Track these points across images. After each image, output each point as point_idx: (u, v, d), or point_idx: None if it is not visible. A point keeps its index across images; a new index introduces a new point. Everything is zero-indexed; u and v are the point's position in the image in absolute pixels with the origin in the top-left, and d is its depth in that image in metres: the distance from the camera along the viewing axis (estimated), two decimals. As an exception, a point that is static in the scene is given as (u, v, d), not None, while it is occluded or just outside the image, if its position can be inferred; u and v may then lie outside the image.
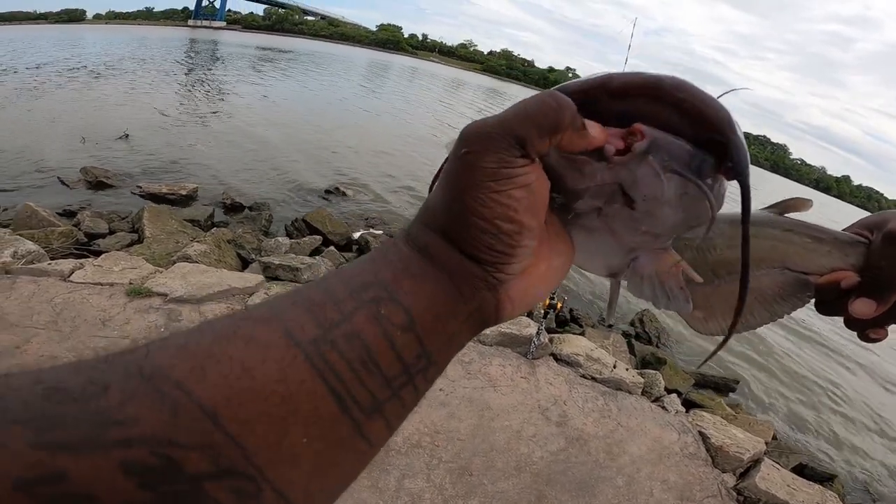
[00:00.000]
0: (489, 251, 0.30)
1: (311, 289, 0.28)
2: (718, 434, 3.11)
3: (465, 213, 0.29)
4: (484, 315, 0.32)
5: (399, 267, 0.30)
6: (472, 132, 0.30)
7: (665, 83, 0.29)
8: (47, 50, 23.94)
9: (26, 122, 9.33)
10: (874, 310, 0.44)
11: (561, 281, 0.37)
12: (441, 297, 0.29)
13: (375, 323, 0.26)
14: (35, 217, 4.65)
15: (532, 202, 0.30)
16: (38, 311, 2.76)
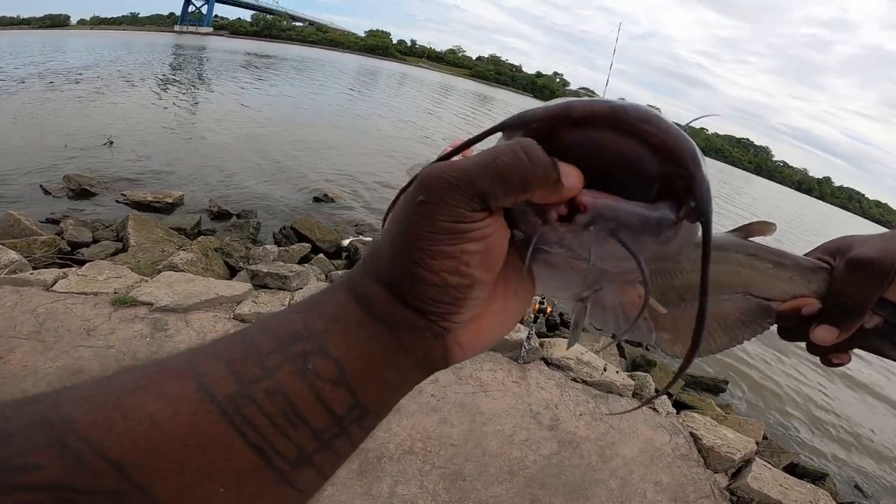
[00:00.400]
0: (434, 304, 0.29)
1: (234, 341, 0.27)
2: (709, 435, 3.13)
3: (411, 265, 0.28)
4: (430, 362, 0.31)
5: (333, 317, 0.29)
6: (432, 180, 0.28)
7: (630, 114, 0.27)
8: (31, 55, 23.60)
9: (8, 128, 9.17)
10: (836, 337, 0.44)
11: (520, 318, 0.37)
12: (377, 348, 0.28)
13: (301, 377, 0.26)
14: (17, 226, 4.57)
15: (487, 255, 0.29)
16: (20, 321, 2.70)
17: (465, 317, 0.30)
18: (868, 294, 0.43)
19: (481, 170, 0.27)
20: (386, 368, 0.29)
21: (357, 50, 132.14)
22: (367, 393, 0.28)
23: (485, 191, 0.27)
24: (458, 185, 0.27)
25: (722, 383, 5.32)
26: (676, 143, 0.27)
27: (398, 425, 2.58)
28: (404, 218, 0.29)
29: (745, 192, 51.83)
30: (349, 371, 0.27)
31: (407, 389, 0.31)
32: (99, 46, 36.21)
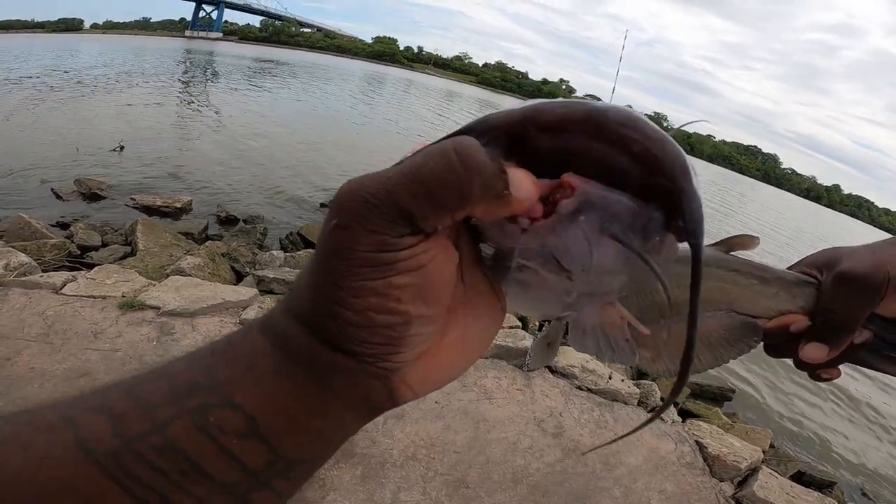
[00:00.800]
0: (366, 345, 0.25)
1: (122, 390, 0.25)
2: (715, 443, 3.10)
3: (330, 304, 0.24)
4: (373, 404, 0.27)
5: (244, 363, 0.25)
6: (346, 199, 0.24)
7: (610, 117, 0.23)
8: (45, 59, 23.95)
9: (21, 131, 9.31)
10: (826, 354, 0.43)
11: (488, 346, 0.32)
12: (299, 397, 0.25)
13: (199, 432, 0.23)
14: (28, 229, 4.62)
15: (424, 288, 0.25)
16: (29, 323, 2.73)
17: (409, 355, 0.26)
18: (859, 310, 0.42)
19: (406, 183, 0.23)
20: (313, 418, 0.25)
21: (364, 56, 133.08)
22: (290, 445, 0.25)
23: (410, 210, 0.23)
24: (377, 205, 0.23)
25: (729, 392, 5.28)
26: (662, 151, 0.23)
27: (401, 432, 2.58)
28: (320, 246, 0.25)
29: (752, 199, 51.60)
30: (263, 424, 0.24)
31: (348, 434, 0.28)
32: (111, 51, 36.78)
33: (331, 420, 0.26)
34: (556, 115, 0.24)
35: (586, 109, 0.24)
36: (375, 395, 0.26)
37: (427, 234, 0.24)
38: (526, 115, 0.25)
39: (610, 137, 0.24)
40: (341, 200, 0.24)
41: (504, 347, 3.39)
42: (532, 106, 0.25)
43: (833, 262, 0.45)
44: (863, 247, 0.45)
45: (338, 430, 0.27)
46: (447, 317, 0.28)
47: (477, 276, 0.30)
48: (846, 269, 0.43)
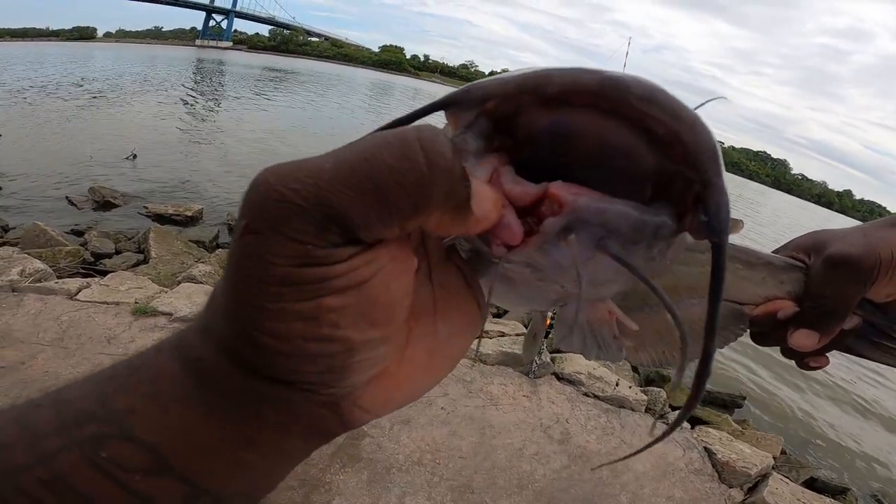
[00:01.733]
0: (298, 374, 0.20)
1: (8, 417, 0.21)
2: (725, 450, 3.09)
3: (245, 328, 0.19)
4: (321, 431, 0.23)
5: (145, 390, 0.21)
6: (259, 195, 0.18)
7: (631, 89, 0.19)
8: (58, 67, 24.41)
9: (37, 140, 9.48)
10: (817, 342, 0.41)
11: (462, 355, 0.27)
12: (218, 428, 0.21)
13: (91, 466, 0.20)
14: (43, 236, 4.71)
15: (367, 306, 0.20)
16: (44, 328, 2.80)
17: (360, 379, 0.22)
18: (851, 294, 0.40)
19: (344, 179, 0.18)
20: (240, 450, 0.21)
21: (371, 65, 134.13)
22: (214, 479, 0.21)
23: (347, 216, 0.18)
24: (300, 206, 0.18)
25: (739, 399, 5.23)
26: (693, 136, 0.19)
27: (408, 437, 2.60)
28: (230, 254, 0.20)
29: (762, 205, 51.16)
30: (174, 457, 0.20)
31: (295, 462, 0.24)
32: (124, 59, 37.43)
33: (265, 450, 0.22)
34: (560, 83, 0.20)
35: (602, 78, 0.19)
36: (323, 424, 0.22)
37: (368, 245, 0.19)
38: (524, 83, 0.21)
39: (629, 115, 0.20)
40: (253, 196, 0.18)
41: (510, 354, 3.40)
42: (533, 72, 0.20)
43: (821, 246, 0.42)
44: (852, 229, 0.43)
45: (278, 461, 0.23)
46: (409, 326, 0.24)
47: (448, 273, 0.25)
48: (836, 251, 0.40)
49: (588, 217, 0.20)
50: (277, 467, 0.23)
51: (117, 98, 16.23)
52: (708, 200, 0.20)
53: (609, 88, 0.19)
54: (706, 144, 0.19)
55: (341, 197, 0.17)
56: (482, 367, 3.32)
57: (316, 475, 2.23)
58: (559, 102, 0.20)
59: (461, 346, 0.27)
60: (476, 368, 3.28)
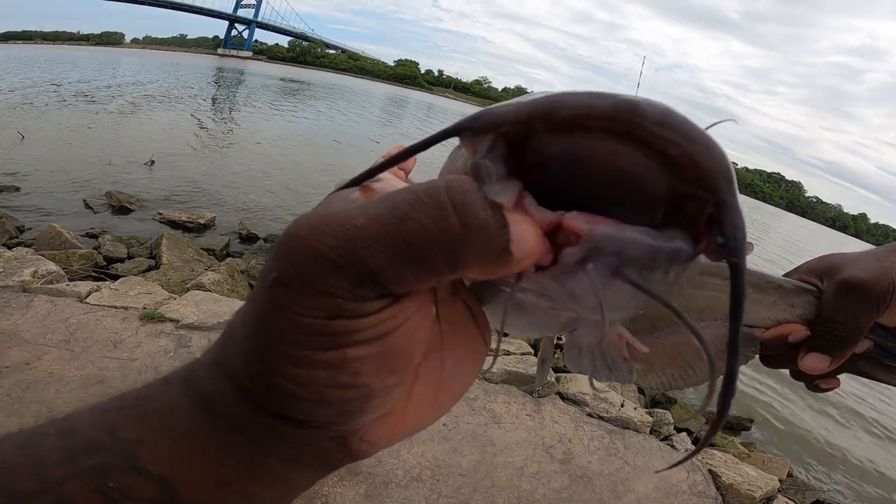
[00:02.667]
0: (314, 417, 0.21)
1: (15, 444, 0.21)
2: (730, 472, 3.05)
3: (265, 371, 0.20)
4: (328, 463, 0.23)
5: (155, 423, 0.21)
6: (292, 249, 0.19)
7: (645, 113, 0.19)
8: (86, 72, 25.01)
9: (60, 144, 9.67)
10: (828, 366, 0.41)
11: (468, 388, 0.27)
12: (228, 462, 0.21)
13: (98, 495, 0.20)
14: (58, 238, 4.79)
15: (390, 356, 0.20)
16: (52, 329, 2.83)
17: (368, 419, 0.22)
18: (864, 319, 0.40)
19: (379, 237, 0.18)
20: (249, 482, 0.22)
21: (386, 78, 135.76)
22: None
23: (384, 273, 0.18)
24: (335, 262, 0.18)
25: (747, 422, 5.16)
26: (707, 158, 0.19)
27: (408, 452, 2.58)
28: (257, 302, 0.20)
29: (775, 229, 50.63)
30: (182, 489, 0.21)
31: (299, 491, 0.24)
32: (149, 66, 38.25)
33: (272, 481, 0.22)
34: (573, 108, 0.20)
35: (614, 102, 0.19)
36: (330, 457, 0.23)
37: (397, 298, 0.20)
38: (535, 109, 0.20)
39: (642, 138, 0.20)
40: (286, 249, 0.19)
41: (515, 373, 3.38)
42: (544, 98, 0.20)
43: (834, 270, 0.42)
44: (864, 253, 0.43)
45: (283, 491, 0.23)
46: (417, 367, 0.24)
47: (456, 308, 0.25)
48: (850, 276, 0.40)
49: (605, 245, 0.20)
50: (282, 496, 0.24)
51: (140, 104, 16.56)
52: (724, 221, 0.20)
53: (623, 112, 0.19)
54: (721, 166, 0.19)
55: (377, 256, 0.18)
56: (486, 385, 3.29)
57: (313, 487, 2.21)
58: (572, 127, 0.20)
59: (466, 380, 0.27)
60: (480, 386, 3.26)
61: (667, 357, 0.45)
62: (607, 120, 0.19)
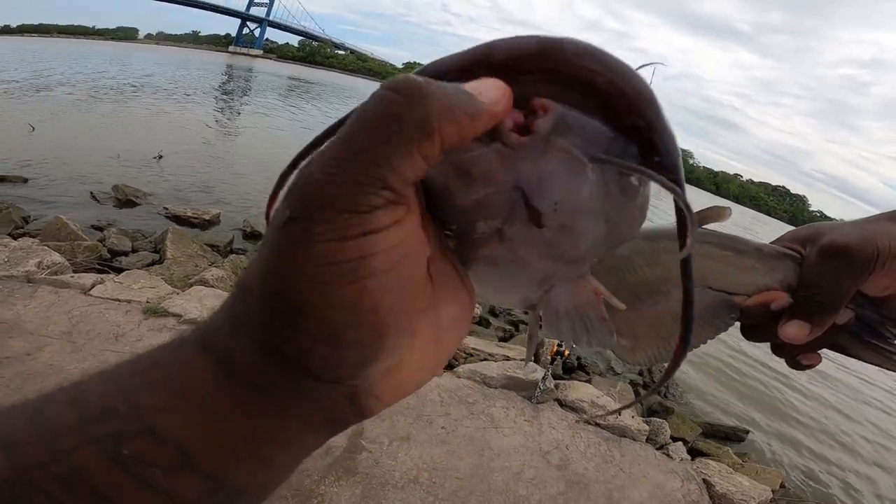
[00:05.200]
0: (330, 366, 0.21)
1: (26, 414, 0.22)
2: (723, 482, 3.07)
3: (290, 316, 0.20)
4: (337, 421, 0.24)
5: (171, 386, 0.21)
6: (300, 185, 0.20)
7: (566, 49, 0.21)
8: (99, 66, 25.19)
9: (69, 136, 9.73)
10: (808, 333, 0.40)
11: (461, 340, 0.29)
12: (245, 423, 0.21)
13: (112, 463, 0.20)
14: (64, 230, 4.82)
15: (400, 291, 0.21)
16: (54, 321, 2.84)
17: (376, 371, 0.23)
18: (847, 284, 0.39)
19: (361, 135, 0.20)
20: (264, 444, 0.22)
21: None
22: (234, 474, 0.22)
23: (376, 162, 0.19)
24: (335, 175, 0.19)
25: (742, 432, 5.15)
26: (627, 82, 0.21)
27: (405, 454, 2.58)
28: (272, 246, 0.21)
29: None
30: (196, 454, 0.21)
31: (307, 454, 0.25)
32: (160, 62, 38.48)
33: (286, 444, 0.23)
34: (506, 50, 0.22)
35: (539, 41, 0.21)
36: (340, 414, 0.23)
37: (397, 202, 0.20)
38: (473, 55, 0.22)
39: (569, 71, 0.21)
40: (296, 189, 0.20)
41: (515, 379, 3.38)
42: (482, 44, 0.22)
43: (817, 236, 0.42)
44: (847, 222, 0.43)
45: (295, 453, 0.24)
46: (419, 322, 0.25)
47: (445, 267, 0.27)
48: (832, 240, 0.40)
49: (571, 121, 0.22)
50: (294, 460, 0.24)
51: (150, 99, 16.67)
52: (655, 140, 0.22)
53: (548, 49, 0.21)
54: (641, 88, 0.21)
55: (365, 147, 0.19)
56: (485, 390, 3.30)
57: (310, 486, 2.22)
58: (510, 68, 0.22)
59: (458, 335, 0.28)
60: (479, 390, 3.27)
61: (652, 329, 0.44)
62: (536, 57, 0.21)
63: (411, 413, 2.87)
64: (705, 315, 0.43)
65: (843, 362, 0.57)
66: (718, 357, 6.86)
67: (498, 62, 0.22)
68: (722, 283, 0.43)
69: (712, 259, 0.44)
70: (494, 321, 5.56)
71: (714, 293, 0.44)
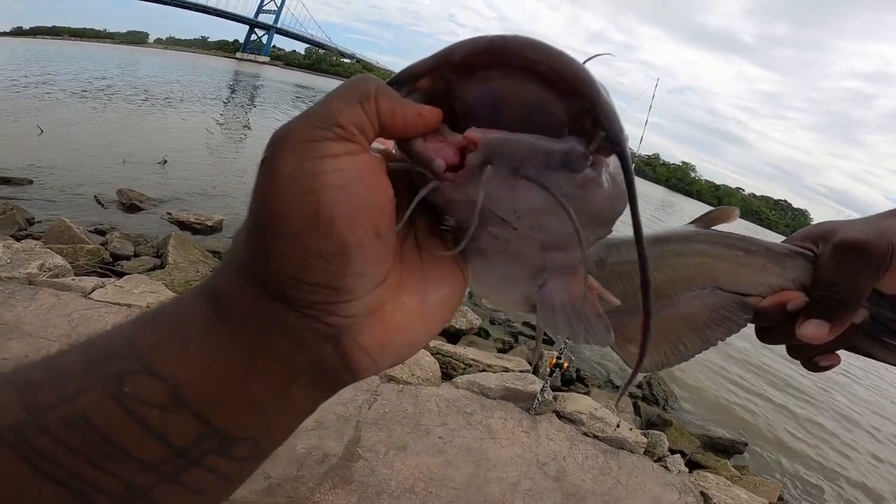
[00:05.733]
0: (303, 285, 0.23)
1: (40, 364, 0.24)
2: (721, 494, 3.05)
3: (263, 235, 0.23)
4: (325, 372, 0.25)
5: (169, 329, 0.24)
6: (275, 132, 0.24)
7: (510, 44, 0.23)
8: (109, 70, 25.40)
9: (76, 139, 9.80)
10: (828, 333, 0.39)
11: (449, 318, 0.31)
12: (230, 357, 0.23)
13: (114, 403, 0.22)
14: (68, 232, 4.84)
15: (353, 208, 0.23)
16: (54, 323, 2.85)
17: (357, 307, 0.24)
18: (864, 281, 0.38)
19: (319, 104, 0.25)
20: (249, 382, 0.23)
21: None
22: (225, 417, 0.23)
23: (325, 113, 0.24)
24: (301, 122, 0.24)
25: (740, 445, 5.11)
26: (567, 68, 0.23)
27: (402, 463, 2.57)
28: (253, 188, 0.24)
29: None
30: (189, 392, 0.22)
31: (300, 410, 0.26)
32: (169, 67, 38.82)
33: (272, 387, 0.24)
34: (463, 50, 0.25)
35: (489, 40, 0.24)
36: (327, 361, 0.24)
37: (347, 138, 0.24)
38: (437, 57, 0.26)
39: (516, 64, 0.24)
40: (272, 138, 0.24)
41: (513, 390, 3.38)
42: (447, 47, 0.25)
43: (830, 234, 0.41)
44: (859, 219, 0.42)
45: (285, 404, 0.25)
46: (402, 278, 0.28)
47: (434, 244, 0.30)
48: (847, 237, 0.39)
49: (498, 148, 0.24)
50: (285, 414, 0.25)
51: (157, 104, 16.80)
52: (600, 116, 0.24)
53: (496, 45, 0.24)
54: (580, 71, 0.24)
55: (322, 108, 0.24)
56: (483, 401, 3.29)
57: (304, 493, 2.22)
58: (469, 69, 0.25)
59: (448, 304, 0.31)
60: (477, 401, 3.26)
61: (658, 334, 0.44)
62: (487, 54, 0.24)
63: (409, 422, 2.86)
64: (718, 316, 0.43)
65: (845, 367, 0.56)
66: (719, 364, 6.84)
67: (458, 61, 0.25)
68: (733, 284, 0.43)
69: (722, 259, 0.43)
70: (494, 332, 5.54)
71: (725, 294, 0.43)
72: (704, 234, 0.45)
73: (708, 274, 0.43)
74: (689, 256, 0.44)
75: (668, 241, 0.45)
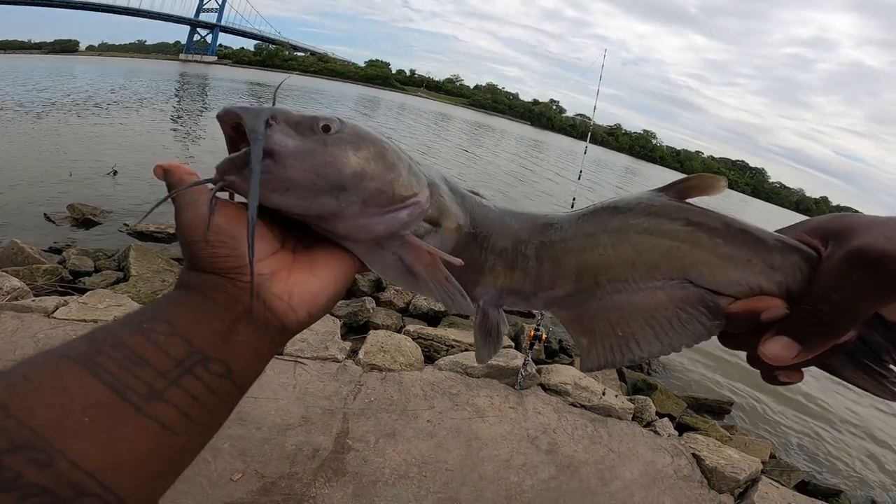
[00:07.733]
0: (216, 259, 0.37)
1: (99, 329, 0.34)
2: (713, 455, 3.12)
3: (184, 243, 0.39)
4: (259, 320, 0.38)
5: (165, 300, 0.37)
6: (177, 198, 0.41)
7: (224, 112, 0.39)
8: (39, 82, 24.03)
9: (15, 156, 9.29)
10: (794, 357, 0.32)
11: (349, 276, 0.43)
12: (196, 307, 0.36)
13: (139, 333, 0.33)
14: (21, 254, 4.61)
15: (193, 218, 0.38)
16: (20, 345, 2.72)
17: (259, 268, 0.38)
18: (866, 305, 0.30)
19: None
20: (211, 321, 0.36)
21: (357, 80, 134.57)
22: (200, 340, 0.34)
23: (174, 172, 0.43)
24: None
25: (726, 405, 5.26)
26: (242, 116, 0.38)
27: (393, 450, 2.57)
28: None
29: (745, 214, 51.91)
30: (178, 325, 0.34)
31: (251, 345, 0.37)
32: (106, 74, 37.04)
33: (226, 324, 0.36)
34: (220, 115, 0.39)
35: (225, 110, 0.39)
36: (255, 307, 0.37)
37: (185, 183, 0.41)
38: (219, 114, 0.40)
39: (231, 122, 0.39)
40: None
41: (496, 367, 3.39)
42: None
43: (847, 233, 0.32)
44: (888, 218, 0.32)
45: (238, 338, 0.36)
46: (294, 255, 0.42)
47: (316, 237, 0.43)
48: (868, 244, 0.29)
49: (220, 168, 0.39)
50: (241, 347, 0.37)
51: (98, 114, 16.02)
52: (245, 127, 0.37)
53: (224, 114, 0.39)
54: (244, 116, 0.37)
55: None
56: (468, 380, 3.30)
57: (300, 489, 2.19)
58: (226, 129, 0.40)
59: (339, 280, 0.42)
60: (462, 381, 3.27)
61: (609, 326, 0.38)
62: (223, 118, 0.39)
63: (395, 409, 2.85)
64: (683, 317, 0.36)
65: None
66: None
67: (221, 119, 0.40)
68: (707, 279, 0.36)
69: (697, 246, 0.36)
70: (473, 313, 5.55)
71: (695, 290, 0.36)
72: (679, 211, 0.37)
73: (677, 262, 0.36)
74: (656, 236, 0.37)
75: (632, 213, 0.38)
